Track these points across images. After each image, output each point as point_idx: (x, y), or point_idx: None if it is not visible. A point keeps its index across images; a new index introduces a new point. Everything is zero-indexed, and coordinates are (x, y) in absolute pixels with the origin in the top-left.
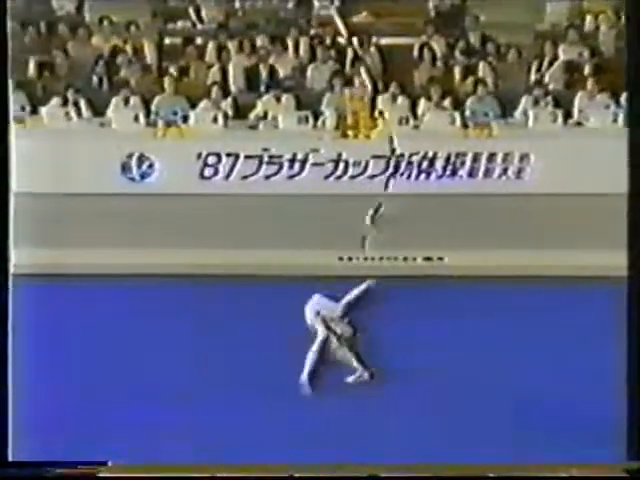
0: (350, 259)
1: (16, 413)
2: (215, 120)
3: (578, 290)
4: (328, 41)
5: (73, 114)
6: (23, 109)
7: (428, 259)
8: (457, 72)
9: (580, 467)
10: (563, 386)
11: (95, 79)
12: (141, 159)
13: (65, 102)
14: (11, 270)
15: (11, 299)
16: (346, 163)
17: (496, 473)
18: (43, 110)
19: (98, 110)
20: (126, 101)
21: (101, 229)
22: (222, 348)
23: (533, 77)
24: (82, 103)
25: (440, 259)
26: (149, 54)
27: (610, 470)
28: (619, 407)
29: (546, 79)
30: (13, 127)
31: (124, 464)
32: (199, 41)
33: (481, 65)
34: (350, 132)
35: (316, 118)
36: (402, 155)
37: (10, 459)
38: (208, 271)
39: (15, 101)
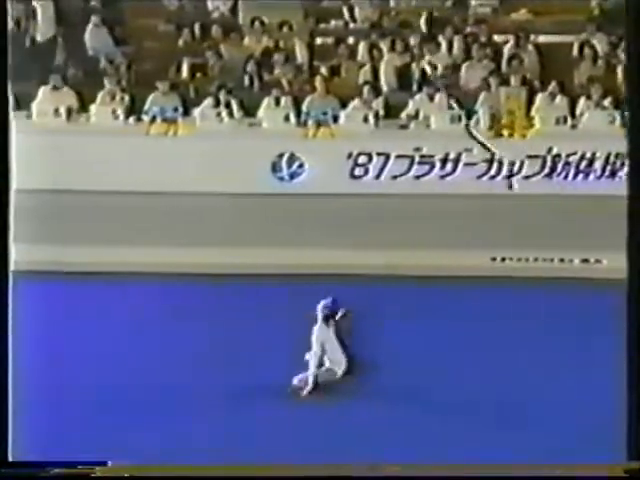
0: (503, 260)
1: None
2: (366, 120)
3: None
4: (483, 39)
5: (225, 115)
6: (176, 110)
7: (585, 261)
8: (619, 71)
9: (580, 467)
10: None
11: (247, 79)
12: (291, 159)
13: (217, 103)
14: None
15: (11, 296)
16: (500, 163)
17: (496, 473)
18: (195, 111)
19: (249, 110)
20: (277, 101)
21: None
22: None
23: None
24: (234, 104)
25: (598, 261)
26: (300, 54)
27: (610, 470)
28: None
29: None
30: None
31: (123, 464)
32: (351, 41)
33: None
34: (505, 131)
35: (469, 117)
36: (559, 155)
37: (10, 459)
38: (351, 271)
39: (167, 102)
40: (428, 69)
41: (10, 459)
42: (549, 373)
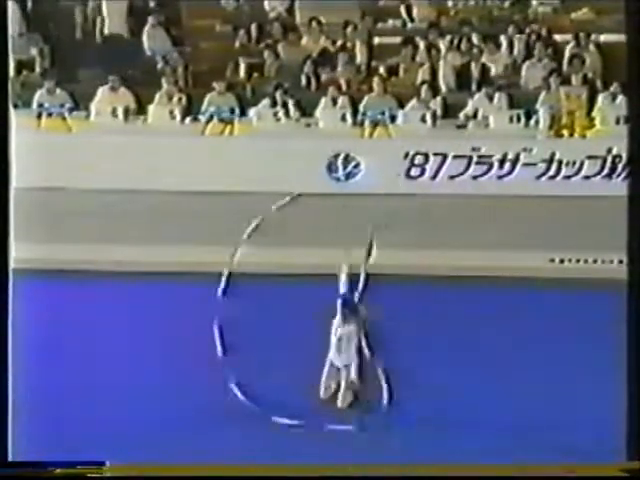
0: (562, 261)
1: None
2: (423, 119)
3: None
4: (544, 38)
5: (281, 115)
6: (232, 111)
7: None
8: None
9: (580, 467)
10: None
11: (304, 80)
12: (347, 159)
13: (274, 103)
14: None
15: (11, 294)
16: (559, 163)
17: (496, 473)
18: (252, 111)
19: (306, 110)
20: (334, 101)
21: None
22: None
23: None
24: (290, 104)
25: None
26: (359, 54)
27: (610, 470)
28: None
29: None
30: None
31: (123, 464)
32: (409, 40)
33: None
34: (565, 131)
35: (528, 117)
36: (619, 156)
37: (10, 459)
38: (407, 271)
39: (224, 103)
40: (488, 68)
41: (10, 459)
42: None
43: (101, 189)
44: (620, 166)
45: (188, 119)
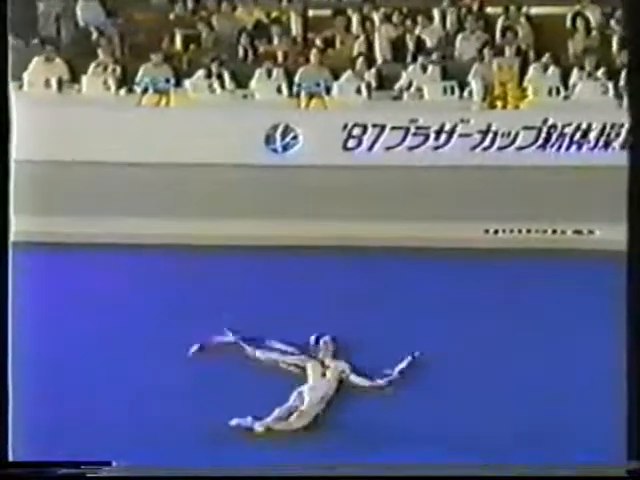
0: (496, 232)
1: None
2: (358, 91)
3: None
4: (476, 11)
5: (217, 86)
6: (168, 82)
7: (578, 232)
8: (614, 42)
9: (580, 467)
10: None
11: (240, 51)
12: (285, 130)
13: (210, 75)
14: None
15: (11, 267)
16: (495, 134)
17: (496, 473)
18: (187, 83)
19: (242, 82)
20: (269, 73)
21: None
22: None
23: None
24: (226, 75)
25: (591, 232)
26: (294, 26)
27: (610, 470)
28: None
29: None
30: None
31: (125, 465)
32: (344, 12)
33: None
34: (498, 103)
35: (462, 88)
36: (554, 126)
37: (10, 459)
38: (343, 242)
39: (159, 74)
40: (423, 41)
41: (10, 459)
42: (539, 346)
43: (33, 160)
44: (554, 136)
45: (123, 90)
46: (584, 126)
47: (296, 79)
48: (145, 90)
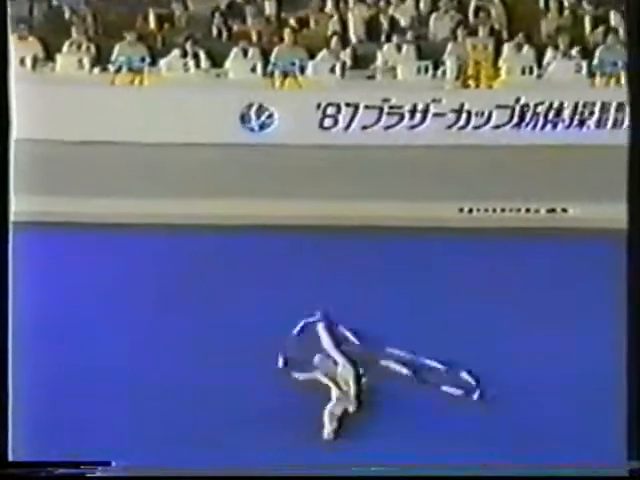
0: (471, 211)
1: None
2: (332, 70)
3: None
4: None
5: (191, 65)
6: (143, 60)
7: (552, 211)
8: (587, 21)
9: (580, 467)
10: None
11: (214, 31)
12: (260, 109)
13: (185, 54)
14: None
15: (11, 247)
16: (469, 113)
17: (496, 473)
18: (162, 62)
19: (217, 62)
20: (245, 52)
21: (218, 179)
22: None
23: None
24: (201, 54)
25: (564, 211)
26: (268, 5)
27: (611, 470)
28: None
29: None
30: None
31: (124, 465)
32: None
33: (612, 14)
34: (471, 82)
35: (436, 68)
36: (527, 105)
37: (10, 459)
38: (320, 222)
39: (134, 53)
40: (397, 20)
41: (10, 459)
42: (517, 328)
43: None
44: (528, 115)
45: (97, 69)
46: (557, 105)
47: (271, 58)
48: (119, 69)
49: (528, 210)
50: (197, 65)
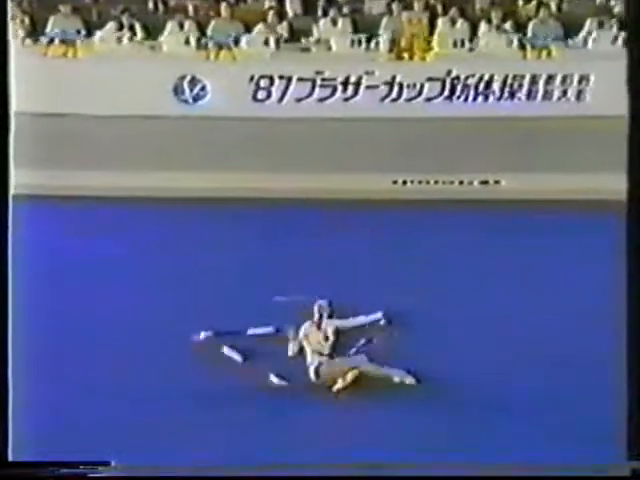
0: (404, 183)
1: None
2: (266, 43)
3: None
4: None
5: (125, 38)
6: (78, 33)
7: (485, 183)
8: None
9: (580, 467)
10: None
11: (151, 4)
12: (193, 81)
13: (121, 27)
14: None
15: (11, 220)
16: (401, 86)
17: (496, 473)
18: (97, 34)
19: (153, 35)
20: (181, 25)
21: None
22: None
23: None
24: (137, 27)
25: (497, 182)
26: None
27: (611, 470)
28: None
29: (612, 1)
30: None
31: (125, 465)
32: None
33: None
34: (405, 54)
35: (369, 41)
36: (458, 77)
37: (10, 459)
38: (255, 194)
39: (69, 25)
40: None
41: (10, 459)
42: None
43: None
44: (459, 87)
45: (29, 40)
46: (487, 77)
47: (208, 32)
48: (51, 41)
49: (462, 182)
50: (131, 38)
